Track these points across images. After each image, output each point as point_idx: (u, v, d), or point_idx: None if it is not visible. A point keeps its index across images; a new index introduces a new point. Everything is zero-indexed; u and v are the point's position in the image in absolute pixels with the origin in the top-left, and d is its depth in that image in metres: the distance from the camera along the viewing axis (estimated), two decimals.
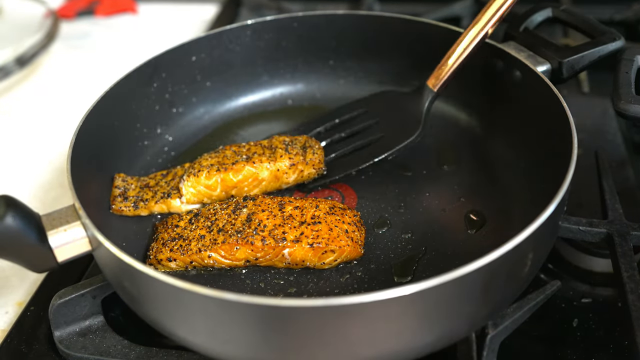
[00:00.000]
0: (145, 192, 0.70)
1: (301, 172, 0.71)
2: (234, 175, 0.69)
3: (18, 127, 1.00)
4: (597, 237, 0.63)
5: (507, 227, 0.64)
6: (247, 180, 0.69)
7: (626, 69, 0.70)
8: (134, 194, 0.70)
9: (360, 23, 0.84)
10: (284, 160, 0.70)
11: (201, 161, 0.70)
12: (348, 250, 0.61)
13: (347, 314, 0.46)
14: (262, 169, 0.69)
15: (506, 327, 0.54)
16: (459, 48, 0.70)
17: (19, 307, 0.69)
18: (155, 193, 0.70)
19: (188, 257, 0.62)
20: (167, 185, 0.71)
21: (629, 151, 0.83)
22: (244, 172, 0.69)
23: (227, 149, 0.72)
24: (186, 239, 0.63)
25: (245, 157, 0.70)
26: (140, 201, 0.69)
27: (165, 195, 0.69)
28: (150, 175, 0.73)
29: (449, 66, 0.71)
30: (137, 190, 0.70)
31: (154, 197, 0.69)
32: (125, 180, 0.71)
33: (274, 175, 0.70)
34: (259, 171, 0.69)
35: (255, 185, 0.70)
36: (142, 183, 0.71)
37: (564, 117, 0.61)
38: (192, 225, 0.64)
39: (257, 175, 0.69)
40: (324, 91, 0.87)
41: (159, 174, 0.73)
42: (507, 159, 0.73)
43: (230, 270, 0.63)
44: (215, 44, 0.82)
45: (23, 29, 1.11)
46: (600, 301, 0.65)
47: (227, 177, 0.68)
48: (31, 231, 0.53)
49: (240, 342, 0.51)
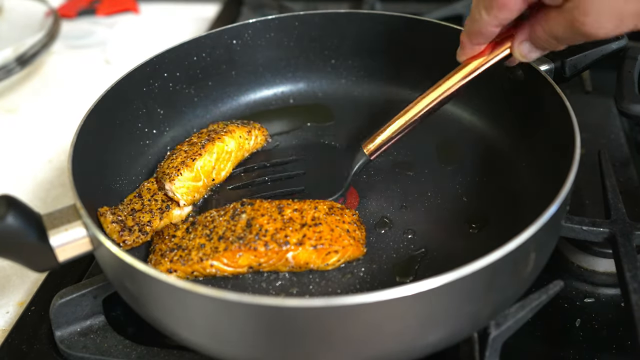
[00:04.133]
0: (140, 216, 0.67)
1: (256, 137, 0.77)
2: (209, 155, 0.71)
3: (19, 126, 1.00)
4: (600, 236, 0.63)
5: (510, 226, 0.64)
6: (220, 157, 0.72)
7: (629, 68, 0.70)
8: (132, 223, 0.66)
9: (362, 22, 0.84)
10: (241, 129, 0.75)
11: (170, 164, 0.70)
12: (351, 250, 0.61)
13: (349, 314, 0.46)
14: (228, 141, 0.73)
15: (509, 327, 0.53)
16: (399, 120, 0.67)
17: (20, 306, 0.69)
18: (151, 212, 0.67)
19: (189, 267, 0.60)
20: (155, 201, 0.69)
21: (632, 150, 0.83)
22: (216, 150, 0.72)
23: (182, 145, 0.73)
24: (185, 248, 0.61)
25: (206, 140, 0.73)
26: (145, 226, 0.66)
27: (164, 208, 0.68)
28: (124, 202, 0.69)
29: (386, 136, 0.68)
30: (131, 218, 0.66)
31: (154, 217, 0.67)
32: (113, 212, 0.65)
33: (238, 144, 0.74)
34: (226, 144, 0.73)
35: (227, 159, 0.73)
36: (128, 210, 0.68)
37: (566, 116, 0.61)
38: (190, 234, 0.62)
39: (225, 148, 0.73)
40: (326, 90, 0.87)
41: (131, 196, 0.70)
42: (509, 159, 0.73)
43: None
44: (216, 43, 0.82)
45: (24, 28, 1.11)
46: (603, 301, 0.65)
47: (205, 162, 0.70)
48: (32, 231, 0.53)
49: (241, 342, 0.51)
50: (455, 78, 0.64)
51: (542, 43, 0.56)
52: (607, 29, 0.49)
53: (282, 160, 0.76)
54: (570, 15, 0.50)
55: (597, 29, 0.49)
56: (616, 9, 0.48)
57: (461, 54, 0.63)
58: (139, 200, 0.69)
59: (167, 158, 0.72)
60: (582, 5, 0.49)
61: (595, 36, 0.50)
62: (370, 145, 0.70)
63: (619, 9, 0.48)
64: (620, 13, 0.48)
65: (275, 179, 0.73)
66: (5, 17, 1.19)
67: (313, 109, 0.85)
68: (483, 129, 0.78)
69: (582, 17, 0.49)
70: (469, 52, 0.62)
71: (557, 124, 0.63)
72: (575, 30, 0.51)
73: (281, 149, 0.79)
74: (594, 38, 0.51)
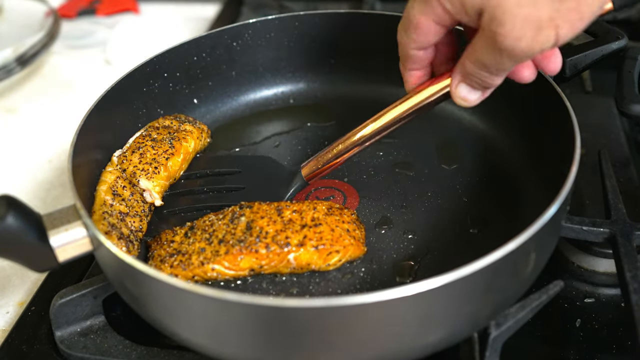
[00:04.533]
0: (131, 221, 0.64)
1: (204, 139, 0.78)
2: (178, 156, 0.72)
3: (19, 126, 1.00)
4: (600, 237, 0.63)
5: (510, 227, 0.64)
6: (185, 157, 0.73)
7: (629, 68, 0.70)
8: (127, 231, 0.63)
9: (361, 22, 0.84)
10: (196, 130, 0.76)
11: (142, 159, 0.69)
12: (352, 250, 0.61)
13: (349, 314, 0.46)
14: (190, 141, 0.74)
15: (509, 327, 0.53)
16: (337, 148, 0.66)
17: (20, 307, 0.69)
18: (139, 216, 0.65)
19: (190, 272, 0.60)
20: (136, 201, 0.66)
21: (632, 151, 0.83)
22: (182, 150, 0.73)
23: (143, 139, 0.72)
24: (185, 253, 0.60)
25: (170, 138, 0.73)
26: (138, 232, 0.65)
27: (148, 211, 0.67)
28: (105, 203, 0.63)
29: (323, 164, 0.67)
30: (123, 224, 0.63)
31: (142, 222, 0.65)
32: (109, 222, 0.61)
33: (196, 144, 0.75)
34: (189, 144, 0.74)
35: (187, 160, 0.74)
36: (117, 214, 0.63)
37: (567, 116, 0.61)
38: (189, 239, 0.62)
39: (189, 149, 0.74)
40: (326, 90, 0.87)
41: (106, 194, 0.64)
42: (509, 159, 0.73)
43: None
44: (216, 43, 0.82)
45: (24, 28, 1.11)
46: (604, 301, 0.65)
47: (174, 162, 0.71)
48: (32, 231, 0.53)
49: (241, 342, 0.51)
50: (399, 109, 0.62)
51: (475, 78, 0.54)
52: (526, 39, 0.47)
53: (224, 170, 0.74)
54: (489, 32, 0.48)
55: (517, 40, 0.47)
56: (530, 15, 0.46)
57: (405, 83, 0.62)
58: (119, 200, 0.65)
59: (132, 151, 0.70)
60: (497, 16, 0.47)
61: (519, 51, 0.48)
62: (308, 169, 0.69)
63: (533, 15, 0.46)
64: (535, 19, 0.46)
65: (213, 189, 0.72)
66: (5, 17, 1.19)
67: (313, 109, 0.85)
68: (483, 129, 0.78)
69: (500, 29, 0.47)
70: (407, 79, 0.61)
71: (557, 124, 0.63)
72: (497, 48, 0.49)
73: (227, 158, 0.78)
74: (518, 55, 0.48)
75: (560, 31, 0.48)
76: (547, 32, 0.47)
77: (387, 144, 0.77)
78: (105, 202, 0.64)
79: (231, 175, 0.74)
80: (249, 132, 0.83)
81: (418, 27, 0.54)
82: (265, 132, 0.82)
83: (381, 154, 0.76)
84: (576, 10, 0.47)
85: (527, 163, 0.70)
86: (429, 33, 0.54)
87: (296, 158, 0.77)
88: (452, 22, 0.53)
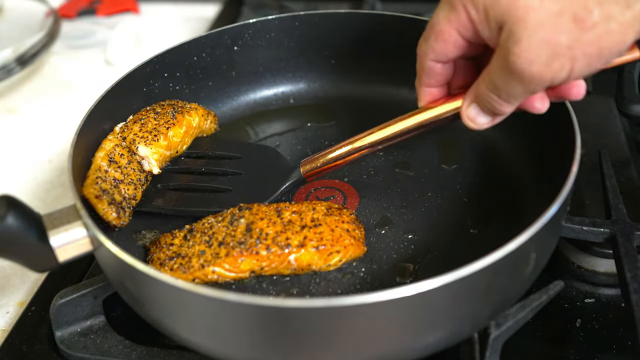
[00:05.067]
0: (125, 188, 0.65)
1: (210, 122, 0.78)
2: (180, 128, 0.72)
3: (19, 126, 1.00)
4: (601, 237, 0.63)
5: (510, 227, 0.64)
6: (187, 130, 0.73)
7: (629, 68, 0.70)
8: (119, 197, 0.63)
9: (362, 22, 0.84)
10: (202, 109, 0.77)
11: (143, 128, 0.69)
12: (352, 250, 0.61)
13: (349, 314, 0.46)
14: (194, 116, 0.74)
15: (509, 327, 0.53)
16: (339, 150, 0.66)
17: (20, 307, 0.69)
18: (133, 183, 0.66)
19: (190, 275, 0.59)
20: (133, 170, 0.67)
21: (632, 151, 0.83)
22: (185, 123, 0.73)
23: (146, 112, 0.73)
24: (185, 256, 0.60)
25: (173, 111, 0.73)
26: (131, 200, 0.65)
27: (143, 181, 0.68)
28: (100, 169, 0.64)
29: (323, 164, 0.67)
30: (117, 191, 0.64)
31: (136, 190, 0.66)
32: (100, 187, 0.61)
33: (200, 122, 0.76)
34: (193, 118, 0.74)
35: (191, 134, 0.75)
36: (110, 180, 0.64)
37: (567, 116, 0.61)
38: (188, 241, 0.62)
39: (192, 123, 0.74)
40: (326, 90, 0.87)
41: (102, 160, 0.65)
42: (509, 159, 0.73)
43: None
44: (216, 43, 0.82)
45: (24, 28, 1.11)
46: (604, 301, 0.65)
47: (176, 132, 0.71)
48: (32, 231, 0.53)
49: (241, 342, 0.51)
50: (407, 122, 0.62)
51: (485, 101, 0.54)
52: (539, 64, 0.47)
53: (225, 154, 0.75)
54: (504, 49, 0.48)
55: (529, 63, 0.47)
56: (549, 38, 0.46)
57: (419, 101, 0.62)
58: (115, 167, 0.65)
59: (134, 122, 0.70)
60: (515, 32, 0.47)
61: (530, 75, 0.47)
62: (307, 166, 0.69)
63: (552, 38, 0.46)
64: (553, 43, 0.46)
65: (210, 172, 0.72)
66: (5, 17, 1.19)
67: (313, 109, 0.85)
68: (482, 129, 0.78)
69: (514, 47, 0.47)
70: (421, 96, 0.61)
71: (557, 124, 0.63)
72: (508, 69, 0.48)
73: (232, 144, 0.78)
74: (528, 80, 0.48)
75: (576, 64, 0.47)
76: (562, 60, 0.47)
77: None
78: (100, 168, 0.64)
79: (231, 160, 0.74)
80: (249, 132, 0.83)
81: (440, 34, 0.54)
82: (265, 132, 0.82)
83: (381, 154, 0.76)
84: (596, 45, 0.46)
85: (527, 163, 0.70)
86: (449, 43, 0.54)
87: (296, 158, 0.77)
88: (474, 36, 0.53)
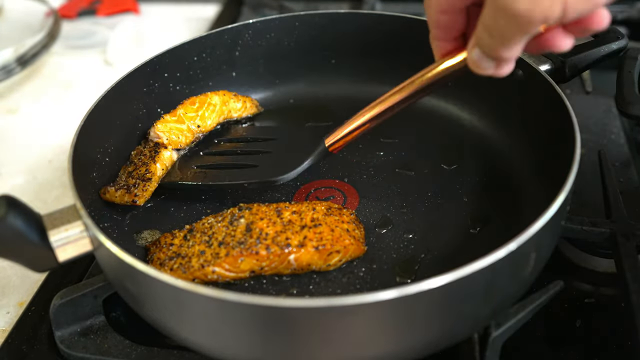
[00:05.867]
0: (137, 171, 0.69)
1: (244, 102, 0.81)
2: (192, 104, 0.76)
3: (20, 126, 1.00)
4: (601, 237, 0.63)
5: (510, 227, 0.64)
6: (203, 106, 0.77)
7: (629, 68, 0.70)
8: (133, 181, 0.68)
9: (362, 22, 0.84)
10: (229, 93, 0.80)
11: None
12: (352, 249, 0.61)
13: (349, 314, 0.46)
14: (212, 96, 0.78)
15: (509, 327, 0.53)
16: (363, 118, 0.65)
17: (20, 307, 0.69)
18: (145, 163, 0.70)
19: (190, 275, 0.59)
20: (144, 155, 0.71)
21: (632, 151, 0.83)
22: (198, 100, 0.77)
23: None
24: (185, 256, 0.60)
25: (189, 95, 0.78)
26: (145, 174, 0.69)
27: (154, 154, 0.71)
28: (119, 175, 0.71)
29: (346, 131, 0.66)
30: (130, 179, 0.68)
31: (149, 165, 0.70)
32: (112, 185, 0.68)
33: (222, 100, 0.78)
34: (210, 97, 0.78)
35: (212, 110, 0.77)
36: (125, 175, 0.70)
37: (567, 116, 0.61)
38: (188, 242, 0.62)
39: (208, 100, 0.77)
40: (326, 90, 0.87)
41: (123, 167, 0.72)
42: (509, 159, 0.73)
43: None
44: (216, 44, 0.82)
45: (24, 28, 1.11)
46: (604, 301, 0.65)
47: (187, 109, 0.76)
48: (32, 231, 0.53)
49: (241, 342, 0.51)
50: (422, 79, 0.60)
51: (483, 43, 0.50)
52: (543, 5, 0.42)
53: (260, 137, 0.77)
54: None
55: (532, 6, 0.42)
56: None
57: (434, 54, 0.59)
58: (130, 165, 0.71)
59: None
60: None
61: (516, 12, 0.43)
62: (331, 138, 0.68)
63: None
64: None
65: (243, 152, 0.75)
66: (5, 17, 1.19)
67: (313, 109, 0.85)
68: (483, 129, 0.78)
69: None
70: (434, 51, 0.58)
71: (557, 124, 0.63)
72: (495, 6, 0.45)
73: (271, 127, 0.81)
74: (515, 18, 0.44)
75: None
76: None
77: (387, 144, 0.77)
78: (119, 175, 0.71)
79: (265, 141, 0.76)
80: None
81: None
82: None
83: (381, 154, 0.76)
84: None
85: (527, 163, 0.70)
86: None
87: None
88: None
